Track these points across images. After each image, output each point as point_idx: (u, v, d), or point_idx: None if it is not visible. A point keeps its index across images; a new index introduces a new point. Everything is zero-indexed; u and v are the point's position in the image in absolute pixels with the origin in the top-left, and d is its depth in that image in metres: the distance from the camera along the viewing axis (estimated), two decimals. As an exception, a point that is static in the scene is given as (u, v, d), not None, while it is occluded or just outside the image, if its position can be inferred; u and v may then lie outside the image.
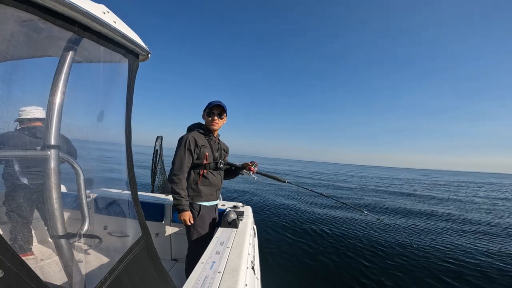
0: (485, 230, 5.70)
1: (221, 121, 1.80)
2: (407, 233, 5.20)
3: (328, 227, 5.26)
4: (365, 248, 4.17)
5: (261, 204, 7.45)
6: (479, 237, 5.15)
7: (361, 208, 2.25)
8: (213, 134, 1.83)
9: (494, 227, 6.05)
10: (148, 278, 1.16)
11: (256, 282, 1.32)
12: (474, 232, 5.55)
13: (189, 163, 1.70)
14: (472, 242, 4.71)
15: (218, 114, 1.76)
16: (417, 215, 7.10)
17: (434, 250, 4.20)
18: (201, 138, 1.76)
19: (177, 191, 1.62)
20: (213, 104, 1.74)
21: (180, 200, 1.61)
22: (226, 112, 1.81)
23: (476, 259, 3.87)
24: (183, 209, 1.62)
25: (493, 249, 4.37)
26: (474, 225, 6.19)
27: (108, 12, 0.89)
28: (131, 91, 1.08)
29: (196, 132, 1.78)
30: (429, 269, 3.46)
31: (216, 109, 1.76)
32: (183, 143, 1.69)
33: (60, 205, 0.87)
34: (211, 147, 1.78)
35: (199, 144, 1.71)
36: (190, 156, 1.69)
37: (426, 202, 9.89)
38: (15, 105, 0.84)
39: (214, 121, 1.76)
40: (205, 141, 1.77)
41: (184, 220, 1.63)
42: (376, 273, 3.30)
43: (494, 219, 7.13)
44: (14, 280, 0.61)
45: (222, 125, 1.86)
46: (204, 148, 1.73)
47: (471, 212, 8.15)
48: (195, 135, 1.74)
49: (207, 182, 1.75)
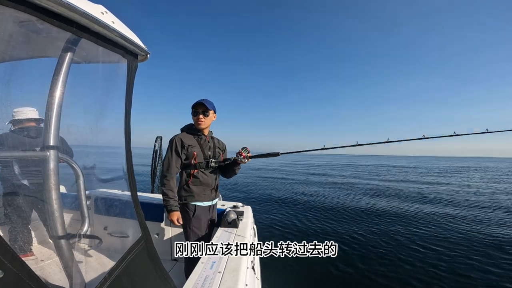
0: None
1: (206, 119, 1.78)
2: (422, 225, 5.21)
3: (328, 227, 5.27)
4: (365, 243, 4.18)
5: (261, 204, 7.45)
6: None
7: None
8: (202, 133, 1.83)
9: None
10: (148, 278, 1.16)
11: (256, 282, 1.32)
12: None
13: (178, 164, 1.71)
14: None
15: (202, 112, 1.75)
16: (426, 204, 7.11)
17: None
18: (189, 138, 1.77)
19: (165, 192, 1.64)
20: (196, 102, 1.75)
21: (168, 200, 1.63)
22: (214, 109, 1.81)
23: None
24: (171, 209, 1.63)
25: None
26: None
27: (106, 12, 0.89)
28: (130, 92, 1.08)
29: (184, 133, 1.80)
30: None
31: (199, 107, 1.76)
32: (170, 145, 1.73)
33: (60, 206, 0.87)
34: (200, 146, 1.78)
35: (186, 144, 1.72)
36: (177, 157, 1.71)
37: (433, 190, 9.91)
38: (14, 105, 0.84)
39: (200, 119, 1.76)
40: (194, 140, 1.78)
41: (172, 220, 1.64)
42: (378, 272, 3.31)
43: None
44: (14, 281, 0.61)
45: (211, 122, 1.85)
46: (192, 148, 1.74)
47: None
48: (182, 135, 1.76)
49: (198, 181, 1.75)
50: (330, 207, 7.20)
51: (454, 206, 7.58)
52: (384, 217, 6.14)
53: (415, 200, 8.64)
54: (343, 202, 8.09)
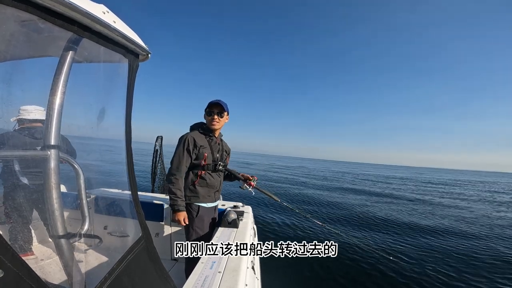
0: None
1: (221, 120, 1.76)
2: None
3: (328, 226, 5.26)
4: (366, 242, 4.17)
5: (261, 203, 7.44)
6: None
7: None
8: (214, 134, 1.80)
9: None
10: (148, 278, 1.16)
11: (256, 282, 1.32)
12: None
13: (188, 163, 1.68)
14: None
15: (218, 113, 1.72)
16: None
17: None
18: (201, 138, 1.74)
19: (173, 191, 1.61)
20: (213, 102, 1.72)
21: (175, 200, 1.61)
22: (228, 111, 1.78)
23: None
24: (178, 209, 1.62)
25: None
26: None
27: (108, 12, 0.89)
28: (131, 91, 1.08)
29: (196, 131, 1.76)
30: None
31: (215, 107, 1.73)
32: (182, 142, 1.67)
33: (60, 205, 0.87)
34: (211, 147, 1.75)
35: (198, 144, 1.69)
36: (188, 156, 1.67)
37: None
38: (15, 105, 0.84)
39: (214, 120, 1.73)
40: (205, 141, 1.74)
41: (178, 220, 1.62)
42: (379, 272, 3.30)
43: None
44: (14, 280, 0.61)
45: (224, 124, 1.83)
46: (204, 149, 1.71)
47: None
48: (194, 134, 1.72)
49: (204, 183, 1.73)
50: (334, 208, 7.19)
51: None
52: (393, 223, 6.13)
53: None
54: (348, 203, 8.08)
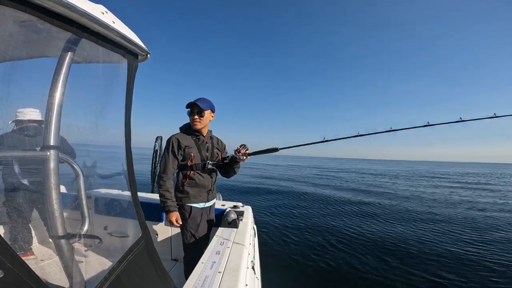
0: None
1: (203, 119, 1.71)
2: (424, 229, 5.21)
3: (329, 226, 5.27)
4: (369, 243, 4.18)
5: (261, 203, 7.45)
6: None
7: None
8: (200, 133, 1.77)
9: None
10: (148, 278, 1.16)
11: (256, 282, 1.32)
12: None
13: (174, 164, 1.68)
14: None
15: (197, 112, 1.69)
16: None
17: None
18: (186, 138, 1.73)
19: (162, 193, 1.63)
20: (190, 103, 1.69)
21: (165, 201, 1.62)
22: (211, 108, 1.74)
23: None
24: (169, 210, 1.62)
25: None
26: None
27: (106, 12, 0.89)
28: (130, 92, 1.08)
29: (180, 133, 1.75)
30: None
31: (193, 107, 1.70)
32: (166, 145, 1.69)
33: (60, 206, 0.87)
34: (198, 147, 1.74)
35: (183, 145, 1.68)
36: (174, 158, 1.67)
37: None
38: (14, 105, 0.84)
39: (195, 120, 1.71)
40: (191, 141, 1.73)
41: (171, 221, 1.62)
42: (378, 272, 3.31)
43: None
44: (14, 281, 0.61)
45: (209, 122, 1.78)
46: (189, 149, 1.70)
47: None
48: (179, 136, 1.72)
49: (193, 183, 1.72)
50: (332, 206, 7.20)
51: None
52: (386, 216, 6.13)
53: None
54: (347, 201, 8.09)
